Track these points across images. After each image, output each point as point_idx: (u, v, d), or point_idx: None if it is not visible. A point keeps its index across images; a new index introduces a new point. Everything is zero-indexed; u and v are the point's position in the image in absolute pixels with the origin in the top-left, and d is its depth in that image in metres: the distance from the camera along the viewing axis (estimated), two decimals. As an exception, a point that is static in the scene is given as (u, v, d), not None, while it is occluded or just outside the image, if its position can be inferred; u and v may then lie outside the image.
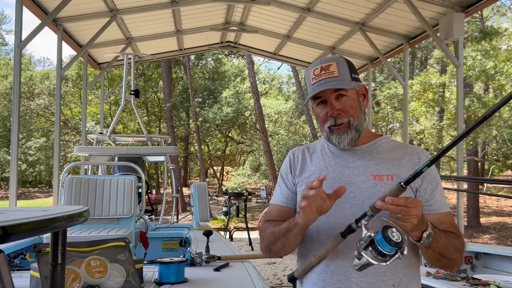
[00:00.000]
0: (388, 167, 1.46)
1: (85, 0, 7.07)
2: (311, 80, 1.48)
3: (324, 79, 1.44)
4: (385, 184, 1.43)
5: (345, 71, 1.45)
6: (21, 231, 0.68)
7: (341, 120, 1.46)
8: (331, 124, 1.47)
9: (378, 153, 1.51)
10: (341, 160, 1.52)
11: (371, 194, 1.41)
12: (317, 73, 1.46)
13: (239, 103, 22.15)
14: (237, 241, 11.00)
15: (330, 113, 1.46)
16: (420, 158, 1.49)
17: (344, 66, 1.46)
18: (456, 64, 6.71)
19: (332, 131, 1.48)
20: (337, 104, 1.45)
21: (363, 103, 1.52)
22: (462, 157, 6.97)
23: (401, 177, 1.41)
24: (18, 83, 5.83)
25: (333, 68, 1.44)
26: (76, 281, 1.82)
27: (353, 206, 1.42)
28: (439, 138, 16.66)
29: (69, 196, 4.01)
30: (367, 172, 1.46)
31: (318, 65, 1.47)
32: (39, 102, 23.21)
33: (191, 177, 29.37)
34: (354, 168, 1.48)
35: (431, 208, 1.44)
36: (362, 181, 1.45)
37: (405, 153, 1.51)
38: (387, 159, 1.49)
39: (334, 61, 1.46)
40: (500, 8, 21.00)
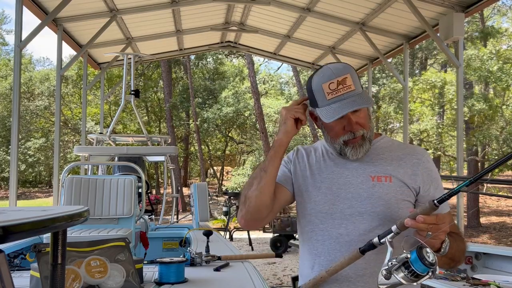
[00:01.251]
0: (387, 168, 1.45)
1: (85, 0, 7.07)
2: (326, 94, 1.40)
3: (344, 95, 1.38)
4: (383, 185, 1.42)
5: (358, 82, 1.42)
6: (21, 231, 0.68)
7: (358, 133, 1.44)
8: (350, 138, 1.44)
9: (377, 154, 1.50)
10: (340, 160, 1.51)
11: (369, 195, 1.41)
12: (333, 88, 1.39)
13: (239, 103, 22.14)
14: (237, 241, 11.00)
15: (348, 128, 1.43)
16: (420, 159, 1.47)
17: (355, 75, 1.43)
18: (456, 64, 6.71)
19: (347, 144, 1.45)
20: (354, 118, 1.43)
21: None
22: (462, 157, 6.97)
23: (400, 178, 1.43)
24: (18, 83, 5.83)
25: (349, 82, 1.40)
26: (76, 281, 1.82)
27: (351, 207, 1.43)
28: (441, 137, 16.65)
29: (69, 196, 4.01)
30: (365, 173, 1.45)
31: (333, 79, 1.39)
32: (39, 103, 23.19)
33: (191, 177, 29.36)
34: (352, 169, 1.48)
35: None
36: (360, 182, 1.44)
37: (404, 153, 1.49)
38: (386, 160, 1.48)
39: (348, 72, 1.41)
40: (501, 8, 21.01)
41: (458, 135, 6.89)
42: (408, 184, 1.43)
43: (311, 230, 1.50)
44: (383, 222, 1.39)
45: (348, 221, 1.43)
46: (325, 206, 1.47)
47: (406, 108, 8.44)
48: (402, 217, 1.39)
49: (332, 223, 1.45)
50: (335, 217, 1.44)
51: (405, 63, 8.43)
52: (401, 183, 1.43)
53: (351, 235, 1.42)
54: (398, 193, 1.42)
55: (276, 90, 28.99)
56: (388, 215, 1.39)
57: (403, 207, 1.41)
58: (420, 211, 1.17)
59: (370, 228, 1.40)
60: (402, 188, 1.42)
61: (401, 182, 1.43)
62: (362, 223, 1.41)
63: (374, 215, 1.41)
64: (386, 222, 1.38)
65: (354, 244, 1.38)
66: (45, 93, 23.20)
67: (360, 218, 1.42)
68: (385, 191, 1.41)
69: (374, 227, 1.40)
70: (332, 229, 1.45)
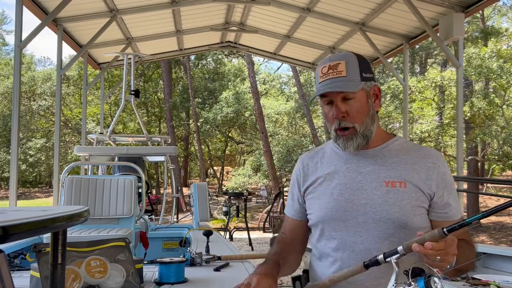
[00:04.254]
0: (401, 173, 1.40)
1: (85, 0, 7.07)
2: (318, 78, 1.42)
3: (331, 79, 1.38)
4: (398, 191, 1.37)
5: (354, 71, 1.38)
6: (21, 231, 0.68)
7: (345, 123, 1.40)
8: (336, 127, 1.42)
9: (391, 157, 1.44)
10: (352, 164, 1.46)
11: (383, 202, 1.37)
12: (324, 72, 1.40)
13: (239, 103, 22.13)
14: (237, 241, 10.99)
15: (335, 116, 1.40)
16: (435, 163, 1.41)
17: (354, 65, 1.39)
18: (456, 64, 6.71)
19: (338, 135, 1.43)
20: (342, 107, 1.39)
21: (373, 104, 1.44)
22: (462, 157, 6.97)
23: (414, 184, 1.38)
24: (18, 83, 5.83)
25: (341, 68, 1.37)
26: (76, 281, 1.82)
27: (365, 214, 1.39)
28: (441, 137, 16.65)
29: (69, 196, 4.01)
30: (379, 178, 1.40)
31: (326, 63, 1.40)
32: (41, 103, 23.20)
33: (191, 177, 29.35)
34: (365, 174, 1.43)
35: (447, 215, 1.40)
36: (374, 188, 1.40)
37: (419, 156, 1.43)
38: (400, 164, 1.42)
39: (344, 59, 1.39)
40: (501, 8, 21.02)
41: (458, 135, 6.90)
42: (423, 189, 1.38)
43: (325, 237, 1.47)
44: (398, 229, 1.36)
45: (362, 228, 1.39)
46: (338, 213, 1.42)
47: (406, 108, 8.45)
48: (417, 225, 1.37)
49: (346, 231, 1.41)
50: (348, 225, 1.41)
51: (405, 63, 8.43)
52: (416, 189, 1.38)
53: (366, 243, 1.38)
54: (413, 199, 1.37)
55: (276, 90, 28.99)
56: (403, 222, 1.35)
57: (418, 213, 1.37)
58: (428, 238, 1.12)
59: (385, 235, 1.37)
60: (417, 194, 1.38)
61: (416, 188, 1.38)
62: (376, 230, 1.37)
63: (389, 222, 1.36)
64: (402, 230, 1.35)
65: (368, 253, 1.35)
66: (47, 92, 23.20)
67: (375, 225, 1.38)
68: (399, 197, 1.37)
69: (389, 235, 1.36)
70: (346, 237, 1.41)
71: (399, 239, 1.34)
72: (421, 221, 1.38)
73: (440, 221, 1.39)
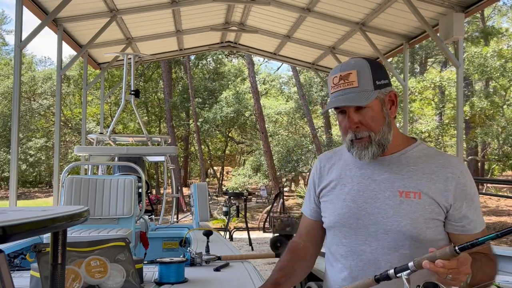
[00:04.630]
0: (417, 183, 1.34)
1: (85, 0, 7.07)
2: (330, 88, 1.38)
3: (342, 90, 1.33)
4: (411, 202, 1.33)
5: (366, 80, 1.33)
6: (21, 231, 0.68)
7: (361, 134, 1.35)
8: (352, 138, 1.37)
9: (408, 165, 1.38)
10: (367, 171, 1.42)
11: (396, 212, 1.33)
12: (336, 82, 1.35)
13: (239, 103, 22.14)
14: (237, 241, 10.99)
15: (348, 126, 1.36)
16: (454, 173, 1.34)
17: (366, 73, 1.33)
18: (456, 64, 6.71)
19: (353, 144, 1.38)
20: (356, 117, 1.34)
21: (389, 111, 1.38)
22: (462, 157, 6.96)
23: (430, 195, 1.33)
24: (18, 83, 5.83)
25: (353, 78, 1.32)
26: (76, 281, 1.82)
27: (376, 223, 1.35)
28: (441, 137, 16.66)
29: (69, 196, 4.01)
30: (393, 187, 1.36)
31: (338, 73, 1.35)
32: (43, 102, 23.21)
33: (191, 177, 29.35)
34: (380, 182, 1.38)
35: (464, 228, 1.34)
36: (387, 197, 1.35)
37: (438, 165, 1.36)
38: (416, 173, 1.36)
39: (356, 68, 1.33)
40: (501, 8, 21.03)
41: (458, 135, 6.89)
42: (439, 202, 1.32)
43: (336, 243, 1.45)
44: (409, 242, 1.32)
45: (373, 238, 1.36)
46: (349, 220, 1.40)
47: (406, 108, 8.44)
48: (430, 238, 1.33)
49: (356, 239, 1.38)
50: (359, 233, 1.38)
51: (405, 63, 8.44)
52: (431, 200, 1.32)
53: (375, 253, 1.35)
54: (427, 211, 1.32)
55: (276, 90, 28.99)
56: (414, 235, 1.32)
57: (432, 226, 1.33)
58: (439, 255, 1.07)
59: (396, 247, 1.33)
60: (432, 206, 1.32)
61: (431, 199, 1.32)
62: (387, 241, 1.34)
63: (400, 234, 1.32)
64: (413, 242, 1.32)
65: (378, 263, 1.33)
66: (48, 92, 23.21)
67: (385, 236, 1.34)
68: (412, 209, 1.32)
69: (399, 246, 1.33)
70: (355, 245, 1.39)
71: (410, 251, 1.32)
72: (435, 233, 1.34)
73: (456, 234, 1.35)
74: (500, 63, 13.79)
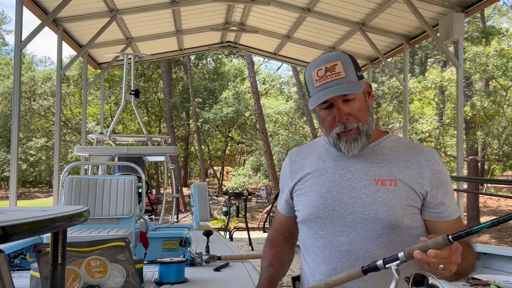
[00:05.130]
0: (392, 171, 1.34)
1: (85, 0, 7.07)
2: (314, 82, 1.33)
3: (331, 82, 1.30)
4: (388, 189, 1.32)
5: (351, 70, 1.32)
6: (21, 231, 0.68)
7: (350, 125, 1.33)
8: (341, 131, 1.34)
9: (382, 154, 1.38)
10: (341, 162, 1.40)
11: (372, 201, 1.32)
12: (321, 75, 1.32)
13: (239, 103, 22.15)
14: (237, 241, 10.99)
15: (338, 119, 1.33)
16: (429, 161, 1.35)
17: (349, 64, 1.33)
18: (456, 64, 6.71)
19: (340, 137, 1.35)
20: (345, 108, 1.32)
21: (369, 102, 1.39)
22: (462, 157, 6.97)
23: (405, 182, 1.32)
24: (18, 83, 5.84)
25: (339, 69, 1.31)
26: (76, 281, 1.82)
27: (353, 213, 1.34)
28: (442, 137, 16.66)
29: (69, 196, 4.01)
30: (368, 176, 1.35)
31: (322, 66, 1.33)
32: (43, 103, 23.22)
33: (191, 177, 29.36)
34: (354, 171, 1.37)
35: (441, 215, 1.34)
36: (363, 186, 1.34)
37: (411, 153, 1.37)
38: (391, 161, 1.36)
39: (339, 59, 1.32)
40: (501, 8, 21.03)
41: (458, 135, 6.90)
42: (415, 188, 1.32)
43: (312, 236, 1.42)
44: (387, 230, 1.31)
45: (350, 228, 1.34)
46: (325, 211, 1.37)
47: (406, 108, 8.45)
48: (407, 225, 1.32)
49: (333, 230, 1.36)
50: (335, 224, 1.35)
51: (405, 63, 8.43)
52: (407, 187, 1.32)
53: (353, 244, 1.33)
54: (403, 198, 1.31)
55: (276, 90, 28.99)
56: (392, 223, 1.30)
57: (409, 213, 1.32)
58: (432, 245, 1.05)
59: (373, 236, 1.31)
60: (408, 192, 1.32)
61: (407, 186, 1.32)
62: (364, 230, 1.32)
63: (377, 222, 1.31)
64: (391, 230, 1.31)
65: (356, 253, 1.32)
66: (47, 92, 23.22)
67: (363, 225, 1.32)
68: (389, 196, 1.31)
69: (377, 235, 1.31)
70: (333, 236, 1.36)
71: (388, 239, 1.31)
72: (412, 220, 1.33)
73: (434, 220, 1.35)
74: (501, 62, 13.79)
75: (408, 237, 1.32)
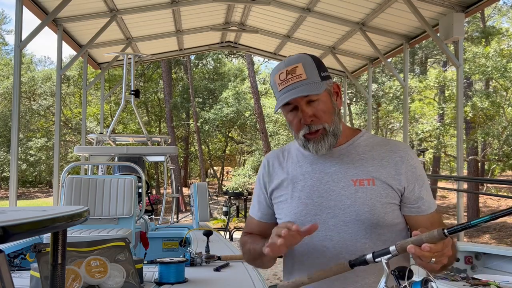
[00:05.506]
0: (369, 170, 1.34)
1: (85, 0, 7.07)
2: (277, 86, 1.34)
3: (292, 84, 1.31)
4: (367, 189, 1.32)
5: (312, 72, 1.33)
6: (21, 231, 0.68)
7: (315, 127, 1.33)
8: (306, 132, 1.34)
9: (357, 154, 1.38)
10: (318, 165, 1.40)
11: (352, 202, 1.31)
12: (283, 78, 1.33)
13: (239, 103, 22.14)
14: (237, 241, 10.99)
15: (303, 121, 1.33)
16: (403, 157, 1.35)
17: (311, 66, 1.33)
18: (456, 64, 6.71)
19: (308, 139, 1.35)
20: (309, 110, 1.32)
21: (336, 102, 1.38)
22: (462, 157, 6.97)
23: (383, 180, 1.33)
24: (18, 83, 5.84)
25: (300, 71, 1.31)
26: (76, 281, 1.82)
27: (335, 216, 1.33)
28: (442, 137, 16.65)
29: (69, 196, 4.01)
30: (346, 177, 1.35)
31: (283, 69, 1.33)
32: (42, 103, 23.22)
33: (191, 177, 29.35)
34: (332, 174, 1.37)
35: (420, 209, 1.35)
36: (342, 188, 1.34)
37: (386, 151, 1.37)
38: (367, 160, 1.36)
39: (300, 62, 1.33)
40: (501, 8, 21.04)
41: (458, 135, 6.90)
42: (393, 185, 1.33)
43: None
44: (370, 230, 1.31)
45: (333, 232, 1.33)
46: (307, 217, 1.35)
47: (406, 108, 8.45)
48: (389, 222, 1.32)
49: (316, 236, 1.32)
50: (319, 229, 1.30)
51: (405, 63, 8.43)
52: (385, 185, 1.33)
53: (338, 247, 1.32)
54: (383, 196, 1.32)
55: (276, 90, 28.97)
56: (374, 222, 1.31)
57: (389, 210, 1.32)
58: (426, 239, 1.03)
59: (357, 237, 1.31)
60: (386, 190, 1.33)
61: (385, 184, 1.33)
62: (347, 233, 1.32)
63: (359, 223, 1.31)
64: (373, 230, 1.31)
65: (341, 257, 1.30)
66: (47, 92, 23.22)
67: (345, 227, 1.32)
68: (368, 196, 1.31)
69: (360, 237, 1.31)
70: (316, 242, 1.34)
71: (372, 239, 1.31)
72: (393, 217, 1.34)
73: (413, 215, 1.36)
74: (501, 63, 13.80)
75: (390, 235, 1.33)
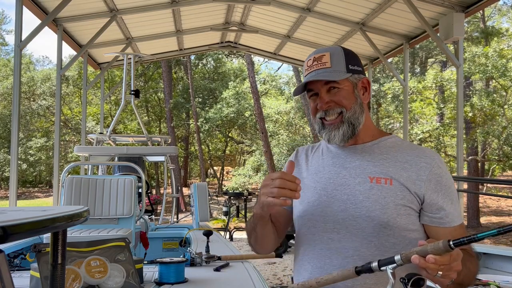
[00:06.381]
0: (389, 170, 1.31)
1: (85, 0, 7.07)
2: (304, 71, 1.40)
3: (315, 71, 1.35)
4: (382, 187, 1.29)
5: (339, 62, 1.35)
6: (21, 231, 0.68)
7: (332, 111, 1.35)
8: (321, 116, 1.37)
9: (380, 153, 1.37)
10: (339, 159, 1.40)
11: (365, 198, 1.30)
12: (309, 64, 1.38)
13: (239, 103, 22.14)
14: (237, 241, 10.99)
15: (319, 106, 1.37)
16: (429, 163, 1.31)
17: (339, 56, 1.35)
18: (456, 64, 6.71)
19: (324, 124, 1.38)
20: (327, 97, 1.35)
21: (362, 96, 1.39)
22: (462, 157, 6.97)
23: (401, 182, 1.29)
24: (18, 83, 5.83)
25: (326, 59, 1.35)
26: (76, 281, 1.82)
27: (345, 210, 1.32)
28: (442, 137, 16.65)
29: (69, 196, 4.01)
30: (364, 174, 1.33)
31: (311, 56, 1.38)
32: (41, 103, 23.21)
33: (191, 177, 29.36)
34: (350, 169, 1.36)
35: (442, 221, 1.29)
36: (358, 183, 1.33)
37: (412, 155, 1.34)
38: (389, 161, 1.34)
39: (329, 51, 1.36)
40: (501, 8, 21.04)
41: (458, 135, 6.89)
42: (411, 189, 1.29)
43: (304, 233, 1.41)
44: (378, 228, 1.28)
45: (341, 225, 1.32)
46: (318, 208, 1.37)
47: (406, 108, 8.44)
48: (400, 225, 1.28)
49: (324, 227, 1.34)
50: (327, 220, 1.34)
51: (405, 63, 8.43)
52: (403, 187, 1.29)
53: (343, 241, 1.31)
54: (398, 197, 1.28)
55: (276, 90, 28.98)
56: (384, 221, 1.27)
57: (403, 213, 1.28)
58: (431, 250, 0.99)
59: (364, 234, 1.29)
60: (403, 192, 1.29)
61: (402, 186, 1.29)
62: (355, 228, 1.30)
63: (369, 220, 1.28)
64: (382, 229, 1.28)
65: (345, 251, 1.30)
66: (47, 92, 23.22)
67: (354, 222, 1.30)
68: (383, 195, 1.28)
69: (368, 234, 1.29)
70: (323, 233, 1.35)
71: (379, 239, 1.28)
72: (406, 222, 1.29)
73: (433, 226, 1.31)
74: (501, 63, 13.81)
75: (402, 239, 1.29)
